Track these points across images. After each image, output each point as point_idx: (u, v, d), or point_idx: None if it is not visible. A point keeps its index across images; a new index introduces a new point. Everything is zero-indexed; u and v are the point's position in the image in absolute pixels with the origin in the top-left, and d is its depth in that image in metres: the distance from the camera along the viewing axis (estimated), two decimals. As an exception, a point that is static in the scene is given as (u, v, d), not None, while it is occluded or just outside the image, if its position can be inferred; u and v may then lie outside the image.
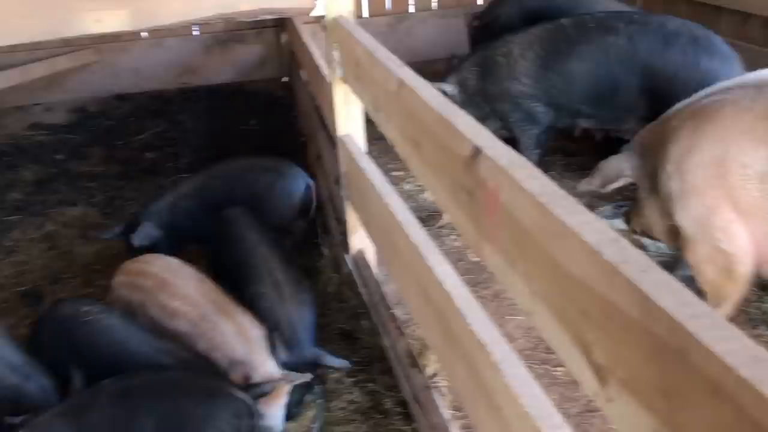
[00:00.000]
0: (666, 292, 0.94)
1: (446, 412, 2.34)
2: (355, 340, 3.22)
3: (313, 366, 2.86)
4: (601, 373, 1.09)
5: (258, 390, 2.49)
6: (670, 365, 0.91)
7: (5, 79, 6.27)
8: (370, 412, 2.87)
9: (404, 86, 1.93)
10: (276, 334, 2.76)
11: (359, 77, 2.58)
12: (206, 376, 2.44)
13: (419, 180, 1.98)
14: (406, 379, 2.59)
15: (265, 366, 2.63)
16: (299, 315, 2.92)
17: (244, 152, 5.38)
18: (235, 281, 3.05)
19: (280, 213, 3.76)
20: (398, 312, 3.00)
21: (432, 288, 2.01)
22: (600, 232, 1.09)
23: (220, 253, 3.30)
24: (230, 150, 5.46)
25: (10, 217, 4.54)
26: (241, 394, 2.37)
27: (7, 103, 6.50)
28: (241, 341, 2.71)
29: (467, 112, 1.65)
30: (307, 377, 2.64)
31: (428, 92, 1.78)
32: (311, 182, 3.88)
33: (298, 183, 3.84)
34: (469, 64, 4.16)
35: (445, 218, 3.90)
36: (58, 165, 5.30)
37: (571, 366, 1.21)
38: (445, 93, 4.06)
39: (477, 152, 1.43)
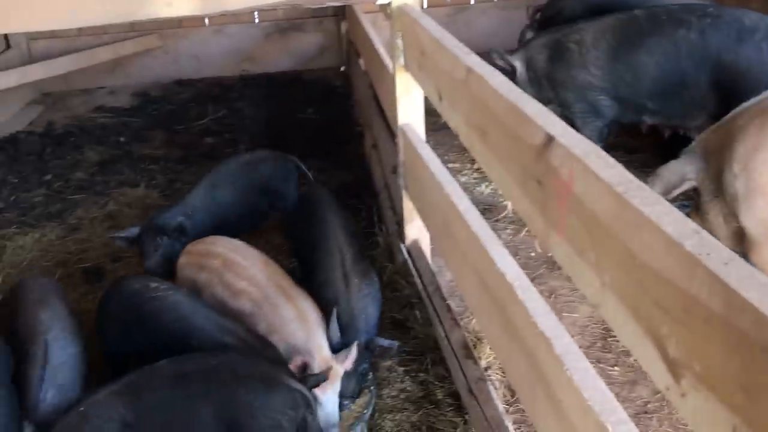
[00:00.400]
0: (751, 285, 0.91)
1: (501, 405, 2.32)
2: (407, 330, 3.22)
3: (368, 353, 2.87)
4: (675, 368, 1.06)
5: (314, 380, 2.52)
6: (754, 360, 0.88)
7: (72, 62, 6.47)
8: (422, 401, 2.87)
9: (472, 74, 1.91)
10: (332, 315, 2.78)
11: (423, 65, 2.57)
12: (263, 364, 2.44)
13: (484, 169, 1.97)
14: (461, 370, 2.58)
15: (322, 352, 2.66)
16: (361, 306, 2.92)
17: (300, 140, 5.45)
18: (306, 258, 3.16)
19: (286, 194, 4.03)
20: (452, 303, 2.98)
21: (492, 279, 1.99)
22: (680, 222, 1.06)
23: (299, 228, 3.40)
24: (287, 138, 5.52)
25: (74, 196, 4.67)
26: (297, 385, 2.37)
27: (73, 85, 6.71)
28: (301, 327, 2.74)
29: (528, 90, 1.63)
30: (354, 353, 2.68)
31: (497, 80, 1.76)
32: (296, 160, 4.15)
33: (288, 166, 4.07)
34: (540, 44, 4.09)
35: (509, 209, 3.88)
36: (121, 147, 5.44)
37: (642, 360, 1.18)
38: (511, 67, 4.05)
39: (549, 140, 1.41)
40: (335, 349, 2.72)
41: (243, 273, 2.96)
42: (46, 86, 6.61)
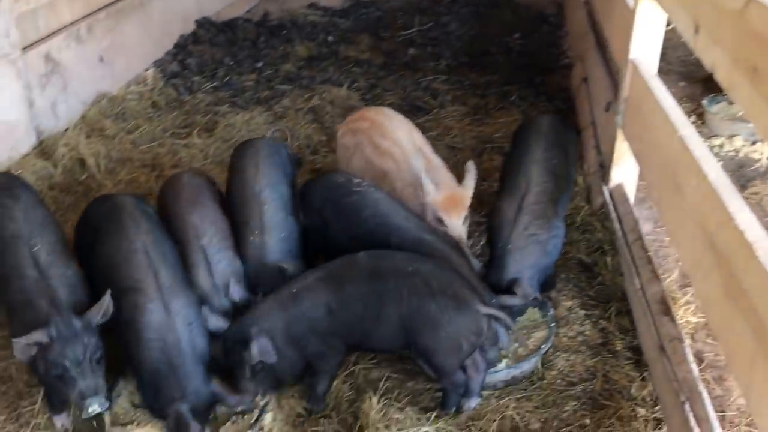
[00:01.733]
0: None
1: (696, 369, 2.16)
2: (594, 275, 3.08)
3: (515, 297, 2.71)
4: None
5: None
6: None
7: (293, -43, 6.64)
8: (599, 348, 2.75)
9: (754, 3, 1.68)
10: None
11: (679, -7, 2.33)
12: (457, 284, 2.39)
13: (745, 111, 1.76)
14: (653, 326, 2.43)
15: (449, 183, 2.87)
16: (520, 245, 2.75)
17: (503, 65, 5.28)
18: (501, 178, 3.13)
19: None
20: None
21: (725, 236, 1.81)
22: None
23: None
24: (489, 60, 5.37)
25: (281, 86, 4.87)
26: (485, 310, 2.33)
27: (291, -20, 6.90)
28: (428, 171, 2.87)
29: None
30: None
31: (792, 12, 1.53)
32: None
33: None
34: None
35: (765, 160, 3.58)
36: (329, 46, 5.56)
37: None
38: None
39: None
40: None
41: (389, 134, 3.14)
42: (266, -23, 6.86)
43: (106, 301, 2.27)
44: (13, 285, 2.35)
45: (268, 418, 2.50)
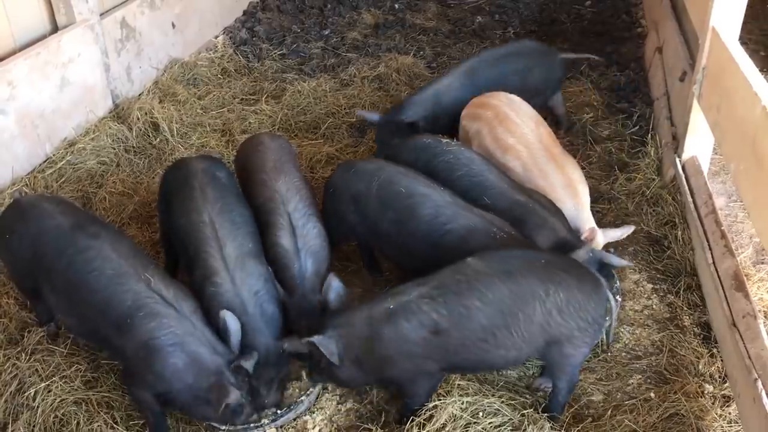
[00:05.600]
0: None
1: (769, 346, 2.11)
2: (662, 249, 3.02)
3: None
4: None
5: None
6: None
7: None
8: (666, 323, 2.71)
9: None
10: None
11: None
12: (586, 269, 2.27)
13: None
14: (725, 301, 2.37)
15: (590, 223, 2.67)
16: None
17: (573, 33, 5.15)
18: None
19: None
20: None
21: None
22: None
23: None
24: (559, 28, 5.25)
25: (348, 54, 4.87)
26: (609, 294, 2.27)
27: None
28: (569, 195, 2.73)
29: None
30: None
31: None
32: None
33: None
34: None
35: None
36: (395, 14, 5.52)
37: None
38: None
39: None
40: None
41: (514, 130, 2.95)
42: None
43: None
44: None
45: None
